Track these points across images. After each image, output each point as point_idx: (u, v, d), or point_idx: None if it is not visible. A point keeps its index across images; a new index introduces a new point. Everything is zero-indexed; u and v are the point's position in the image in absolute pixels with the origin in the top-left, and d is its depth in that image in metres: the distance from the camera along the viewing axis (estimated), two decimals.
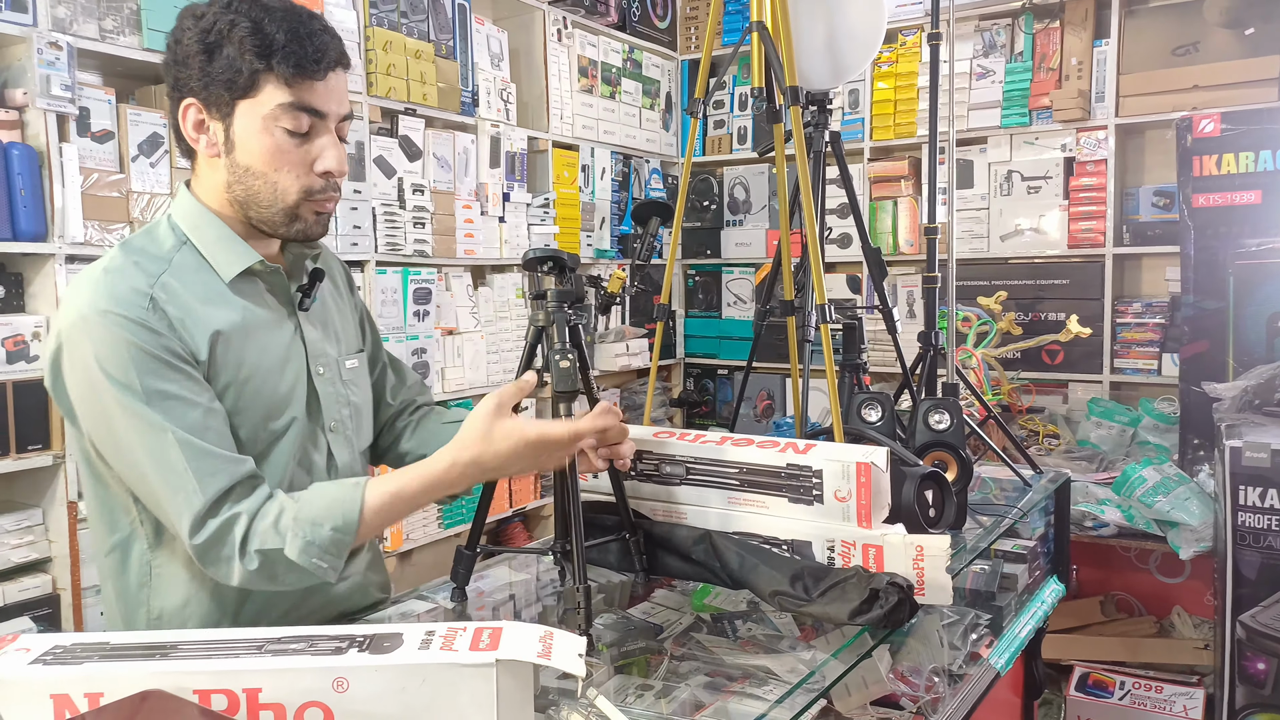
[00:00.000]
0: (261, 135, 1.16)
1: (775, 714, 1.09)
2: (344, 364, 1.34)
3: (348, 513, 1.14)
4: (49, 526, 2.24)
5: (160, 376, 1.11)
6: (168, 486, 1.11)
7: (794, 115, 1.71)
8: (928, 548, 1.25)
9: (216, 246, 1.21)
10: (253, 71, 1.13)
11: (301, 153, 1.18)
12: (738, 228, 4.51)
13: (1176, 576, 2.86)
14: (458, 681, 0.82)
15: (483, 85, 3.43)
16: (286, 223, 1.21)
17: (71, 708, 0.75)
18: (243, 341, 1.19)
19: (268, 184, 1.18)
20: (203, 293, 1.18)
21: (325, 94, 1.17)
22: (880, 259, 2.15)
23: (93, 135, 2.27)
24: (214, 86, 1.15)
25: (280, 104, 1.15)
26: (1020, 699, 2.13)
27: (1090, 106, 3.59)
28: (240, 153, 1.17)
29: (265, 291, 1.26)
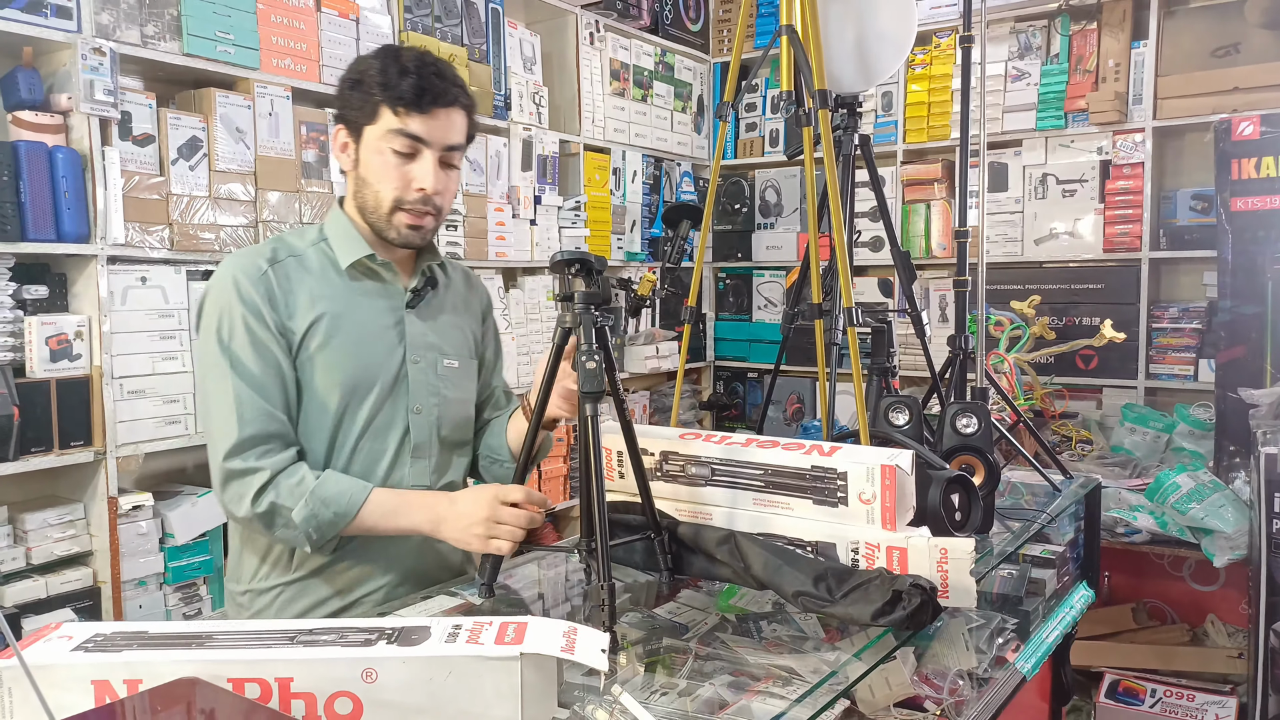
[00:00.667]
0: (375, 154, 1.44)
1: (796, 712, 1.10)
2: (442, 361, 1.56)
3: (351, 505, 1.39)
4: (90, 521, 2.28)
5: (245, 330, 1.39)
6: (216, 420, 1.39)
7: (823, 119, 1.72)
8: (952, 551, 1.25)
9: (340, 240, 1.50)
10: (375, 102, 1.42)
11: (403, 171, 1.44)
12: (769, 231, 4.50)
13: (1211, 584, 2.82)
14: (483, 673, 0.85)
15: (515, 89, 3.46)
16: (385, 227, 1.47)
17: (111, 693, 0.78)
18: (342, 317, 1.46)
19: (373, 193, 1.45)
20: (320, 277, 1.47)
21: (428, 126, 1.42)
22: (909, 262, 2.15)
23: (134, 139, 2.31)
24: (351, 114, 1.45)
25: (390, 129, 1.42)
26: (1048, 705, 2.12)
27: (1127, 109, 3.55)
28: (362, 167, 1.46)
29: (377, 284, 1.51)
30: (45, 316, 2.18)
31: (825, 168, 1.78)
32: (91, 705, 0.76)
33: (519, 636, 0.88)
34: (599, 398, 1.24)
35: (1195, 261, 3.51)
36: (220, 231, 2.46)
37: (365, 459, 1.49)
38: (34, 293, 2.19)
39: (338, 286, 1.48)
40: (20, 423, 2.09)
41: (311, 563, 1.48)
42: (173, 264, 2.38)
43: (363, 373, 1.46)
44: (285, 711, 0.80)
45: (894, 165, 4.04)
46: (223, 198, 2.47)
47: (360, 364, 1.46)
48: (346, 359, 1.45)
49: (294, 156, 2.62)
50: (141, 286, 2.30)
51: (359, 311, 1.48)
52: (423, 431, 1.54)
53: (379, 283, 1.52)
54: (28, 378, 2.14)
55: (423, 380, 1.53)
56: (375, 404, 1.48)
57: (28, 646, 0.80)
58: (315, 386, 1.44)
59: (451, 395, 1.58)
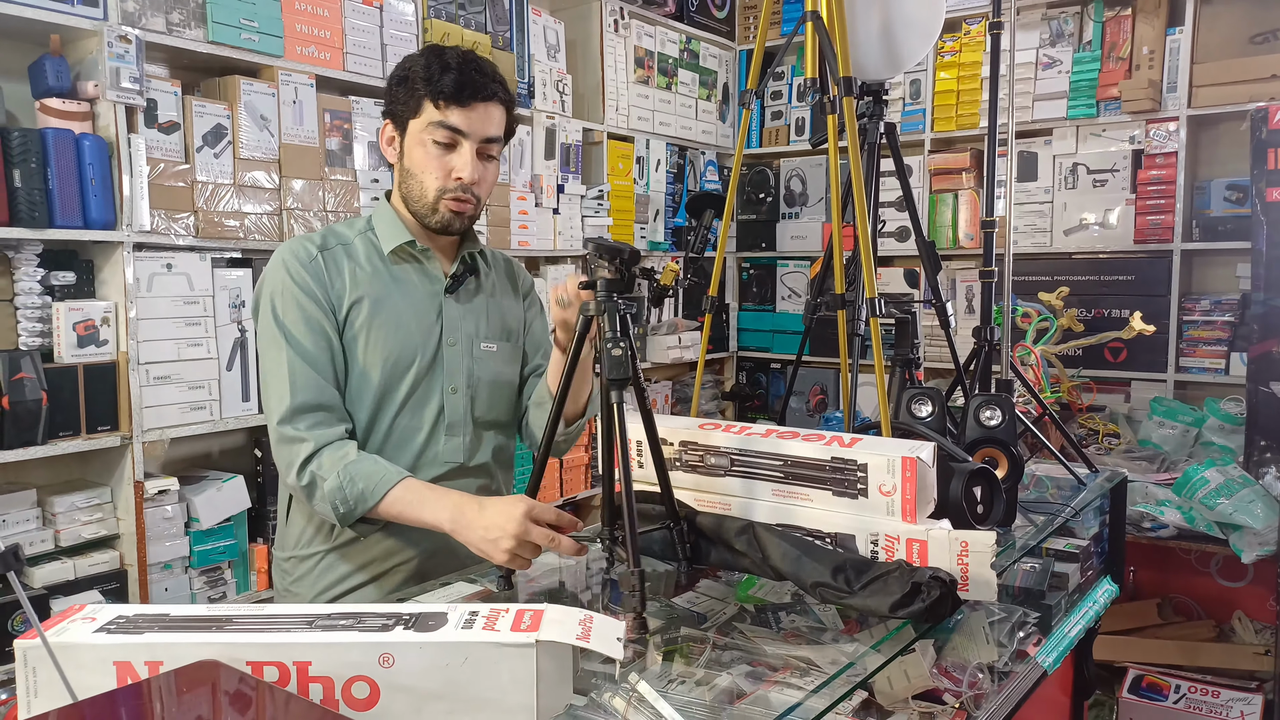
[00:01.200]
0: (419, 146, 1.52)
1: (813, 703, 1.10)
2: (479, 343, 1.63)
3: (380, 486, 1.44)
4: (117, 505, 2.32)
5: (300, 307, 1.49)
6: (272, 389, 1.48)
7: (847, 106, 1.71)
8: (972, 543, 1.24)
9: (385, 228, 1.58)
10: (418, 97, 1.50)
11: (443, 161, 1.52)
12: (794, 220, 4.48)
13: (1238, 580, 2.79)
14: (499, 660, 0.85)
15: (539, 76, 3.46)
16: (429, 214, 1.55)
17: (133, 674, 0.79)
18: (384, 299, 1.54)
19: (417, 182, 1.53)
20: (366, 262, 1.56)
21: (467, 118, 1.50)
22: (934, 253, 2.13)
23: (160, 126, 2.34)
24: (397, 108, 1.54)
25: (431, 121, 1.50)
26: (1070, 699, 2.10)
27: (1161, 97, 3.50)
28: (406, 158, 1.55)
29: (418, 270, 1.59)
30: (73, 303, 2.21)
31: (849, 156, 1.77)
32: (114, 686, 0.78)
33: (535, 624, 0.88)
34: (625, 385, 1.24)
35: (1228, 253, 3.46)
36: (245, 219, 2.48)
37: (402, 432, 1.57)
38: (62, 279, 2.23)
39: (381, 271, 1.57)
40: (49, 407, 2.13)
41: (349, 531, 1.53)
42: (198, 251, 2.40)
43: (402, 351, 1.55)
44: (303, 695, 0.81)
45: (921, 154, 4.01)
46: (247, 185, 2.49)
47: (400, 343, 1.55)
48: (388, 337, 1.53)
49: (318, 144, 2.64)
50: (167, 273, 2.32)
51: (400, 294, 1.56)
52: (457, 410, 1.61)
53: (419, 267, 1.60)
54: (56, 363, 2.17)
55: (458, 361, 1.60)
56: (413, 381, 1.56)
57: (52, 627, 0.82)
58: (359, 362, 1.53)
59: (486, 377, 1.65)
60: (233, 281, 2.45)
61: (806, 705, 1.09)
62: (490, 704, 0.86)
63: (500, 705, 0.86)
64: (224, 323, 2.43)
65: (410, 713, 0.84)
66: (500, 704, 0.86)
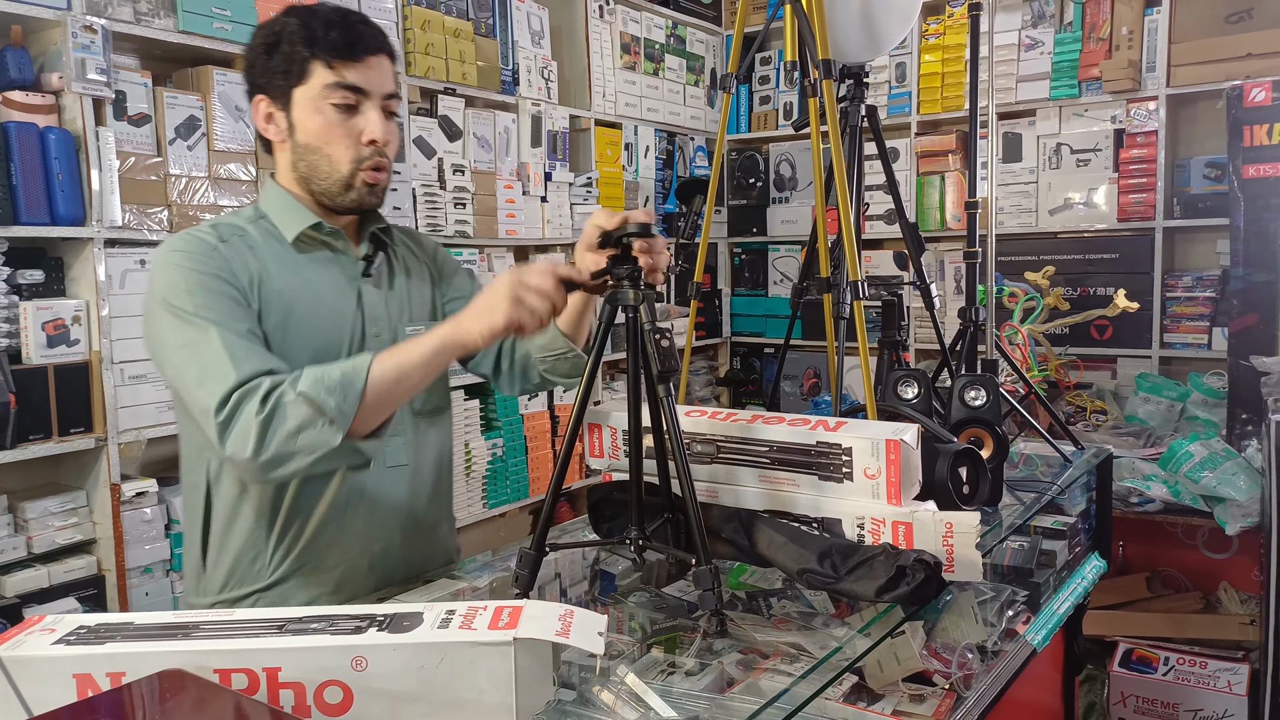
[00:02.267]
0: (314, 115, 1.32)
1: (801, 688, 1.07)
2: (403, 330, 1.44)
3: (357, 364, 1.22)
4: (93, 508, 2.26)
5: (210, 291, 1.25)
6: (205, 373, 1.20)
7: (827, 89, 1.67)
8: (957, 525, 1.22)
9: (283, 213, 1.38)
10: (302, 60, 1.31)
11: (349, 126, 1.33)
12: (784, 205, 4.44)
13: (1224, 552, 2.78)
14: (476, 660, 0.82)
15: (523, 63, 3.40)
16: (343, 191, 1.35)
17: (94, 687, 0.75)
18: (295, 294, 1.34)
19: (323, 157, 1.34)
20: (267, 251, 1.35)
21: (365, 74, 1.33)
22: (918, 234, 2.10)
23: (130, 119, 2.27)
24: (274, 79, 1.33)
25: (326, 84, 1.31)
26: (1061, 675, 2.09)
27: (1141, 77, 3.47)
28: (299, 133, 1.34)
29: (328, 255, 1.40)
30: (41, 301, 2.14)
31: (830, 140, 1.73)
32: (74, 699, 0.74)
33: (513, 621, 0.85)
34: (672, 377, 1.19)
35: (1209, 230, 3.45)
36: (221, 212, 2.42)
37: None
38: (29, 277, 2.15)
39: (288, 262, 1.36)
40: (17, 410, 2.06)
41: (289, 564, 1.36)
42: None
43: (325, 349, 1.34)
44: (274, 702, 0.78)
45: (908, 136, 3.98)
46: (222, 178, 2.43)
47: (322, 340, 1.35)
48: (308, 335, 1.34)
49: None
50: (141, 269, 2.26)
51: (314, 285, 1.36)
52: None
53: (330, 253, 1.40)
54: (24, 364, 2.10)
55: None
56: None
57: (8, 640, 0.78)
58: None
59: None
60: None
61: (794, 691, 1.07)
62: (468, 704, 0.82)
63: (479, 705, 0.82)
64: None
65: (385, 716, 0.81)
66: (478, 704, 0.82)
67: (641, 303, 1.20)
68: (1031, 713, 1.90)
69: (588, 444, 1.53)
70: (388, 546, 1.43)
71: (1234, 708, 2.54)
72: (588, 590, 1.58)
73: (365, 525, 1.41)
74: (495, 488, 3.30)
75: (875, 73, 3.99)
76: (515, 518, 3.38)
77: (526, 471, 3.41)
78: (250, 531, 1.35)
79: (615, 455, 1.50)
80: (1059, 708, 2.09)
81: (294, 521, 1.36)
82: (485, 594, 1.38)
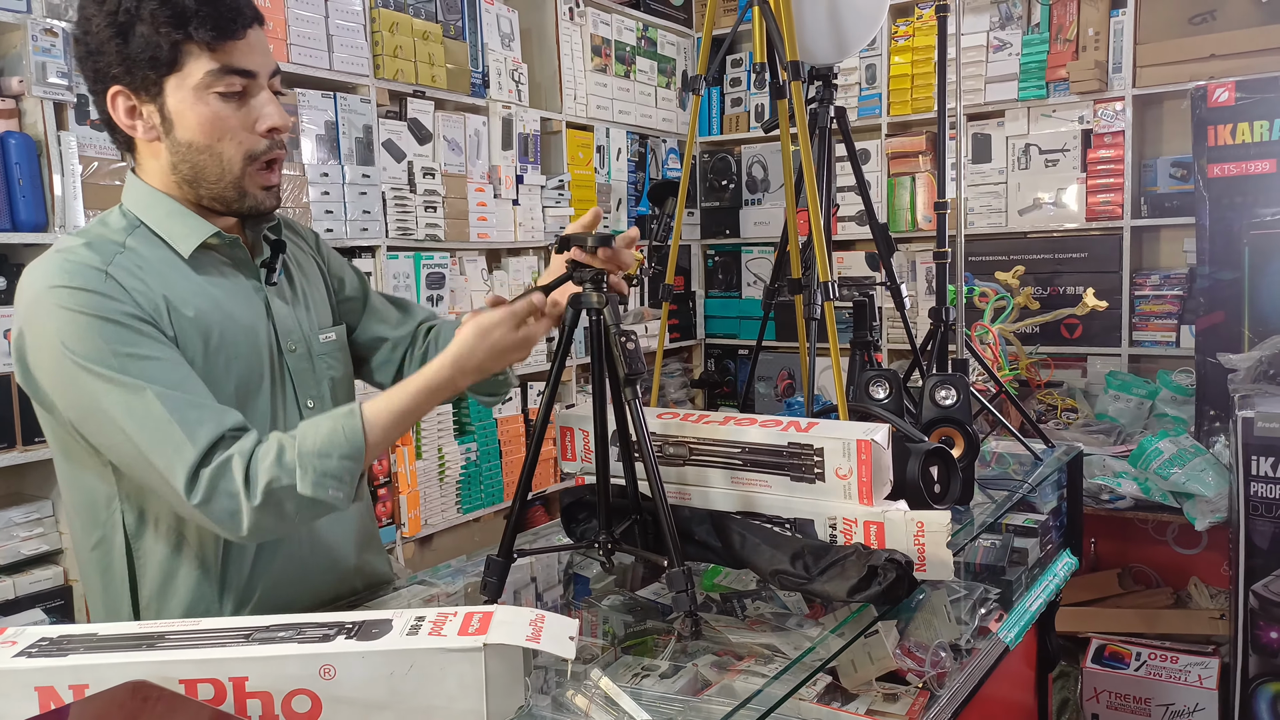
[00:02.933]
0: (197, 107, 1.12)
1: (774, 689, 1.08)
2: (317, 338, 1.31)
3: (352, 438, 1.11)
4: (59, 518, 2.23)
5: (126, 341, 1.07)
6: (155, 445, 1.05)
7: (795, 90, 1.68)
8: (928, 524, 1.22)
9: (170, 222, 1.17)
10: (172, 44, 1.09)
11: (241, 116, 1.14)
12: (756, 207, 4.46)
13: (1193, 548, 2.82)
14: (446, 666, 0.82)
15: (493, 66, 3.40)
16: (237, 197, 1.17)
17: (57, 699, 0.74)
18: (208, 318, 1.16)
19: (212, 156, 1.14)
20: (162, 270, 1.15)
21: (249, 52, 1.14)
22: (888, 235, 2.11)
23: (92, 123, 2.24)
24: (136, 68, 1.11)
25: (208, 71, 1.11)
26: (1034, 672, 2.10)
27: (1108, 77, 3.51)
28: (180, 129, 1.14)
29: (228, 267, 1.22)
30: (4, 309, 2.10)
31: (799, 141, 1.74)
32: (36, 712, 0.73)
33: (483, 627, 0.85)
34: (639, 380, 1.18)
35: (1176, 228, 3.50)
36: None
37: None
38: None
39: (190, 280, 1.17)
40: None
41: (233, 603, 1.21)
42: None
43: (247, 376, 1.20)
44: (241, 712, 0.77)
45: (879, 138, 4.00)
46: None
47: (241, 367, 1.19)
48: (229, 364, 1.18)
49: None
50: None
51: (222, 305, 1.18)
52: None
53: (226, 264, 1.22)
54: None
55: (305, 369, 1.28)
56: (267, 408, 1.22)
57: None
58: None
59: (339, 374, 1.34)
60: None
61: (768, 692, 1.07)
62: (439, 711, 0.82)
63: (449, 711, 0.82)
64: None
65: None
66: (449, 710, 0.82)
67: (606, 305, 1.19)
68: (1005, 710, 1.91)
69: (560, 447, 1.53)
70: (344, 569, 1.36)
71: (1205, 701, 2.57)
72: (563, 594, 1.58)
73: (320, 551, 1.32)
74: (469, 493, 3.29)
75: (846, 74, 4.02)
76: (490, 522, 3.37)
77: (501, 476, 3.40)
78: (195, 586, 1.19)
79: (588, 458, 1.50)
80: (1032, 704, 2.10)
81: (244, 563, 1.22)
82: (459, 599, 1.37)
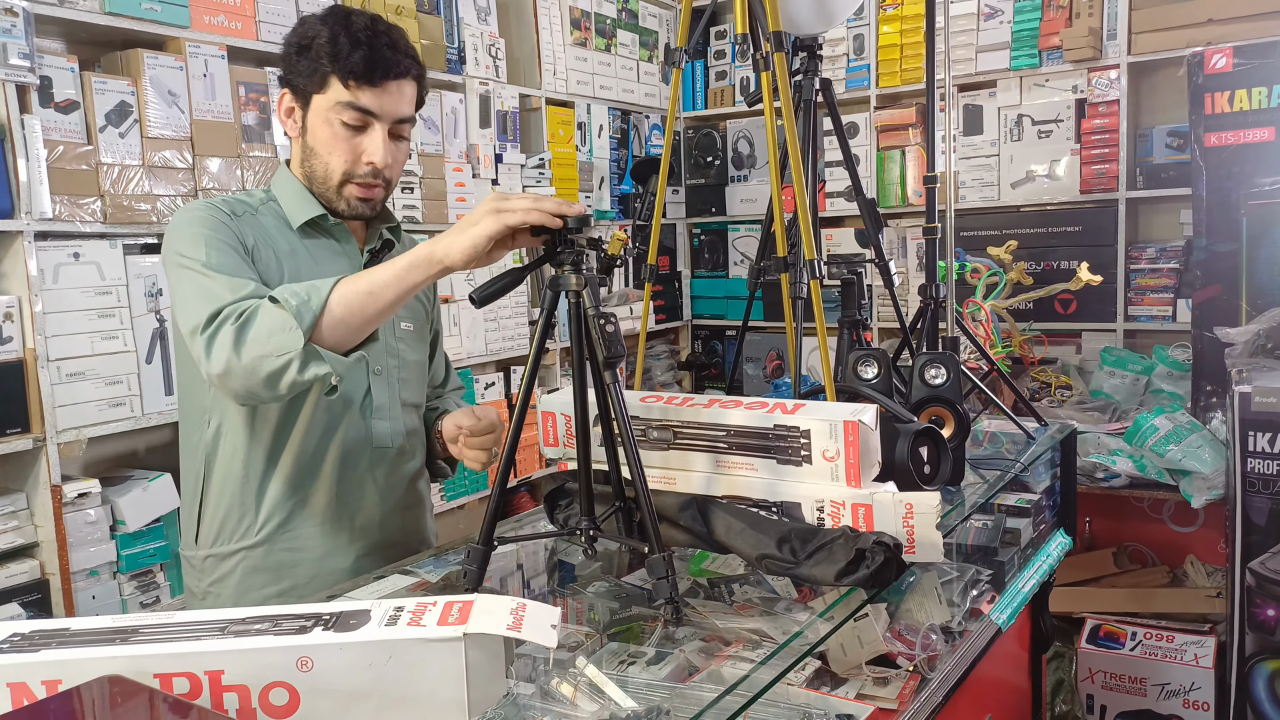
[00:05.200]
0: (323, 125, 1.44)
1: (762, 674, 1.10)
2: (398, 324, 1.58)
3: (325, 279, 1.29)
4: (34, 511, 2.23)
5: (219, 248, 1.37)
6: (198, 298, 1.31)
7: (779, 62, 1.68)
8: (917, 505, 1.24)
9: (292, 199, 1.50)
10: (324, 73, 1.41)
11: (353, 144, 1.44)
12: (743, 183, 4.46)
13: (1190, 526, 2.86)
14: (426, 656, 0.83)
15: (469, 41, 3.38)
16: (334, 199, 1.48)
17: (30, 695, 0.75)
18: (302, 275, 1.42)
19: (321, 163, 1.46)
20: (278, 234, 1.47)
21: (378, 99, 1.42)
22: (875, 211, 2.12)
23: (56, 106, 2.23)
24: (299, 80, 1.44)
25: (340, 101, 1.42)
26: (1028, 653, 2.14)
27: (1102, 45, 3.52)
28: (309, 136, 1.46)
29: (335, 246, 1.52)
30: None
31: (783, 115, 1.75)
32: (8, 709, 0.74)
33: (464, 616, 0.86)
34: (619, 363, 1.20)
35: (1172, 200, 3.51)
36: (157, 202, 2.39)
37: (327, 419, 1.49)
38: None
39: (295, 245, 1.49)
40: None
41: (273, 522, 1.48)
42: (107, 238, 2.31)
43: None
44: (218, 706, 0.78)
45: (867, 111, 4.01)
46: (158, 165, 2.40)
47: None
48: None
49: (233, 119, 2.55)
50: (75, 263, 2.23)
51: (319, 270, 1.46)
52: (384, 393, 1.56)
53: (335, 244, 1.53)
54: None
55: (382, 341, 1.51)
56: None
57: None
58: None
59: (410, 358, 1.61)
60: (147, 269, 2.36)
61: (755, 677, 1.09)
62: (419, 701, 0.83)
63: (431, 701, 0.84)
64: (140, 313, 2.34)
65: (334, 716, 0.82)
66: (431, 700, 0.83)
67: (584, 287, 1.21)
68: (998, 692, 1.95)
69: (541, 432, 1.54)
70: (367, 523, 1.55)
71: (1201, 680, 2.61)
72: (548, 582, 1.60)
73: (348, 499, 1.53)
74: (453, 479, 3.30)
75: (833, 45, 4.02)
76: (474, 510, 3.38)
77: None
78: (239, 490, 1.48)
79: (570, 444, 1.52)
80: (1026, 686, 2.14)
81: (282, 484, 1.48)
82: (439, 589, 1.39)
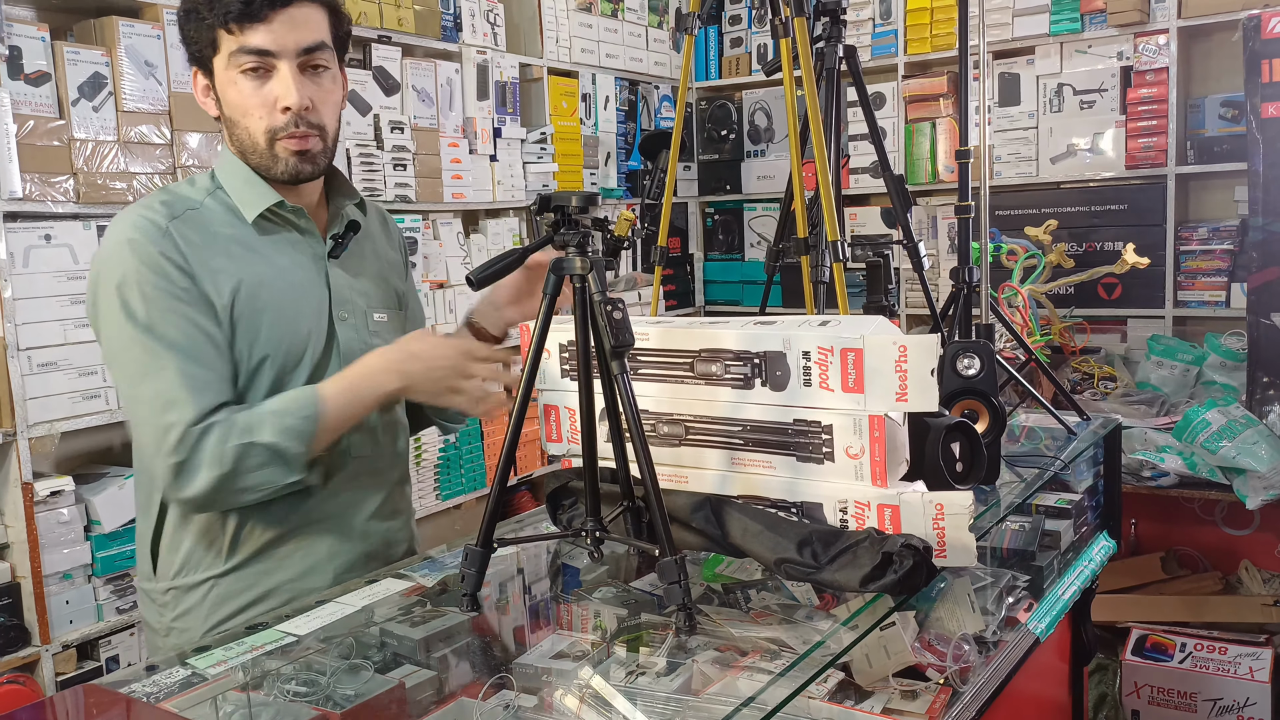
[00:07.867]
0: (230, 85, 1.36)
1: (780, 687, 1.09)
2: (371, 315, 1.52)
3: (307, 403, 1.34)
4: (4, 510, 2.25)
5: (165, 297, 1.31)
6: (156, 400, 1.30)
7: (799, 28, 1.68)
8: (948, 506, 1.24)
9: (242, 188, 1.42)
10: (209, 28, 1.33)
11: (263, 94, 1.36)
12: (760, 159, 4.45)
13: (1244, 528, 2.84)
14: None
15: (466, 7, 3.38)
16: (271, 164, 1.39)
17: None
18: (263, 279, 1.39)
19: (243, 130, 1.38)
20: (228, 234, 1.40)
21: (270, 34, 1.33)
22: (904, 187, 2.11)
23: (26, 78, 2.24)
24: (196, 49, 1.37)
25: (231, 51, 1.34)
26: (1068, 666, 2.13)
27: (1149, 8, 3.50)
28: (225, 106, 1.39)
29: (295, 237, 1.45)
30: None
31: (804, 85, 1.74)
32: None
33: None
34: (626, 350, 1.19)
35: (1226, 175, 3.49)
36: (134, 180, 2.41)
37: None
38: None
39: (250, 242, 1.41)
40: None
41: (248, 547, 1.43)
42: (81, 219, 2.33)
43: (294, 339, 1.41)
44: None
45: (895, 80, 4.00)
46: (134, 141, 2.41)
47: (289, 329, 1.41)
48: (274, 324, 1.39)
49: None
50: (46, 245, 2.25)
51: (279, 269, 1.42)
52: None
53: (295, 234, 1.46)
54: None
55: (354, 339, 1.48)
56: (311, 371, 1.43)
57: None
58: (245, 358, 1.38)
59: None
60: None
61: (772, 691, 1.09)
62: None
63: None
64: None
65: None
66: None
67: (590, 271, 1.20)
68: (1036, 707, 1.94)
69: (544, 427, 1.54)
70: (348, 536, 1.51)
71: (1256, 695, 2.59)
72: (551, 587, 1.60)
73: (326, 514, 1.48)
74: (449, 478, 3.32)
75: (857, 9, 4.00)
76: (472, 509, 3.40)
77: (483, 459, 3.43)
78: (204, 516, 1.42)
79: (574, 439, 1.52)
80: (1066, 700, 2.13)
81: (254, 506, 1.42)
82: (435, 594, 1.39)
